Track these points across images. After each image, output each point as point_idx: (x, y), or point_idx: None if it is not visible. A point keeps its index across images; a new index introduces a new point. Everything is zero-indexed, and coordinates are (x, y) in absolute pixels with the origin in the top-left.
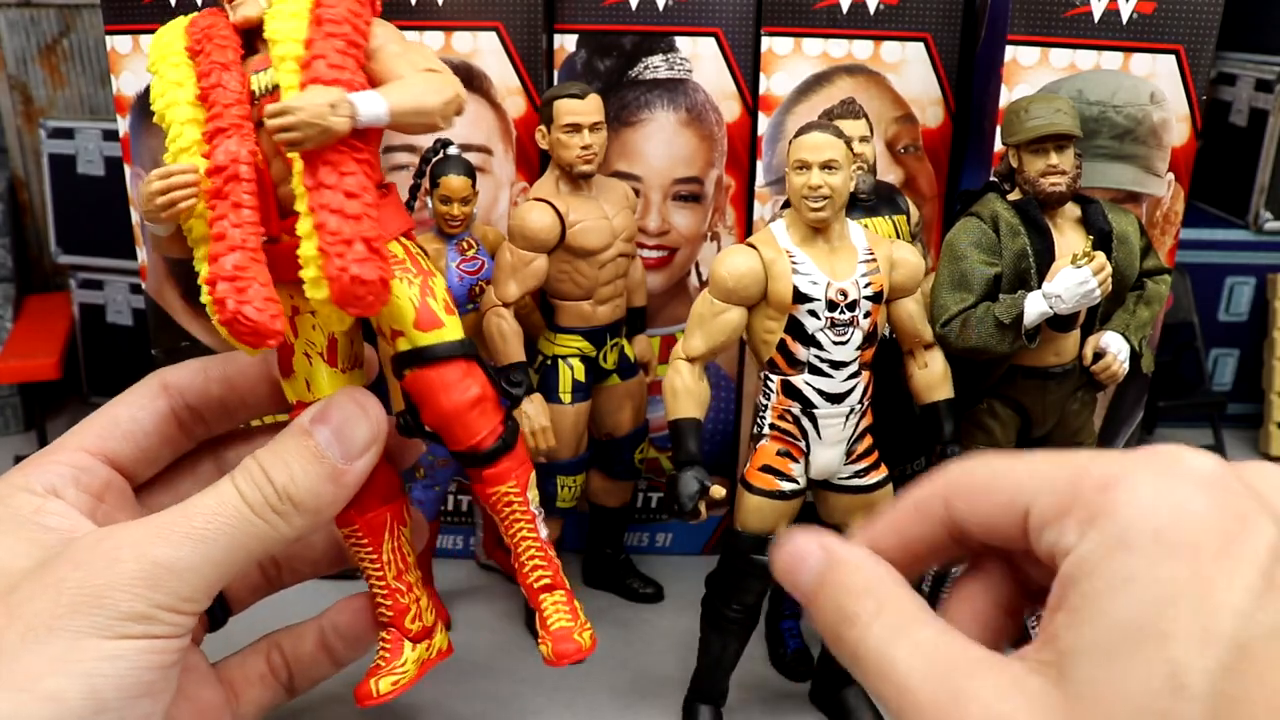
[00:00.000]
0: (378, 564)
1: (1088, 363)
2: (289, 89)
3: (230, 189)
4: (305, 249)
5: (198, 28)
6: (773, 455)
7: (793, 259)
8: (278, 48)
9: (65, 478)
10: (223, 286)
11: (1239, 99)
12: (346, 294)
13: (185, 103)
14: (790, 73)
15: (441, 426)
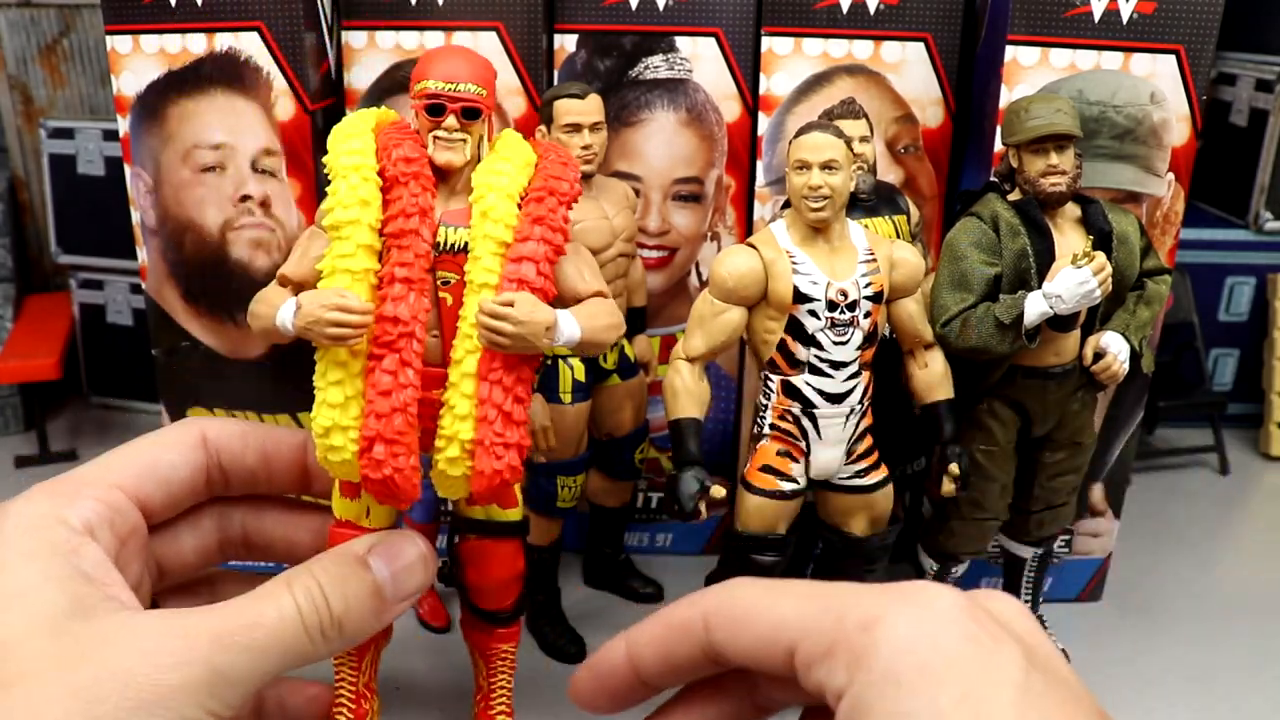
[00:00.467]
0: (355, 672)
1: (1088, 363)
2: (486, 272)
3: (403, 345)
4: (456, 428)
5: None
6: (773, 455)
7: (793, 259)
8: (487, 224)
9: (102, 518)
10: (380, 449)
11: (1239, 99)
12: (488, 491)
13: (368, 225)
14: (790, 73)
15: (481, 589)
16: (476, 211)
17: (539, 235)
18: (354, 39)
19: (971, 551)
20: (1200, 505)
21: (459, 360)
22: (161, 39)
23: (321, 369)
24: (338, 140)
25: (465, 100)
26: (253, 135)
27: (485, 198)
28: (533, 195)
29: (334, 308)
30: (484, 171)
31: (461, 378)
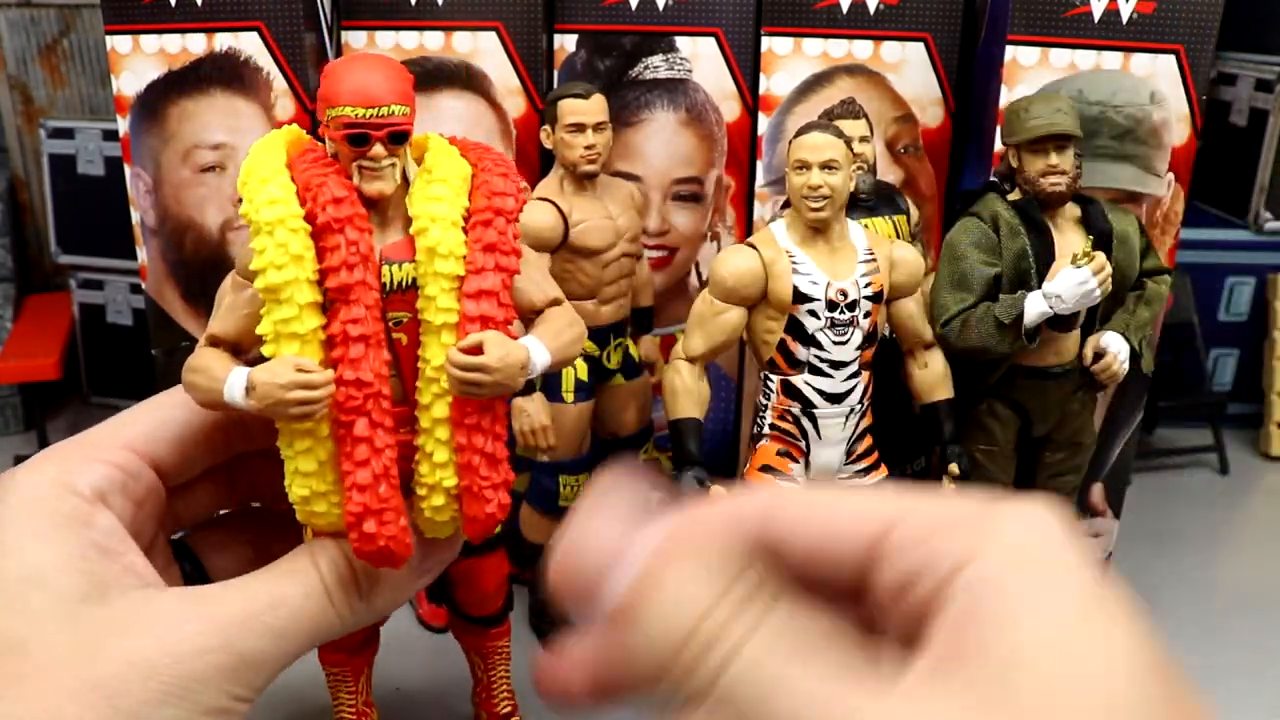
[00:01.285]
0: (353, 694)
1: (1088, 363)
2: (443, 313)
3: (371, 407)
4: (438, 476)
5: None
6: (773, 455)
7: (793, 259)
8: (437, 262)
9: (114, 483)
10: (370, 524)
11: (1239, 99)
12: (483, 533)
13: (306, 281)
14: (790, 73)
15: (473, 601)
16: (422, 246)
17: (494, 264)
18: (354, 39)
19: None
20: (1200, 505)
21: (427, 405)
22: (161, 39)
23: (286, 439)
24: (252, 186)
25: (391, 125)
26: (253, 135)
27: (429, 231)
28: (478, 219)
29: (295, 385)
30: (421, 198)
31: (434, 424)
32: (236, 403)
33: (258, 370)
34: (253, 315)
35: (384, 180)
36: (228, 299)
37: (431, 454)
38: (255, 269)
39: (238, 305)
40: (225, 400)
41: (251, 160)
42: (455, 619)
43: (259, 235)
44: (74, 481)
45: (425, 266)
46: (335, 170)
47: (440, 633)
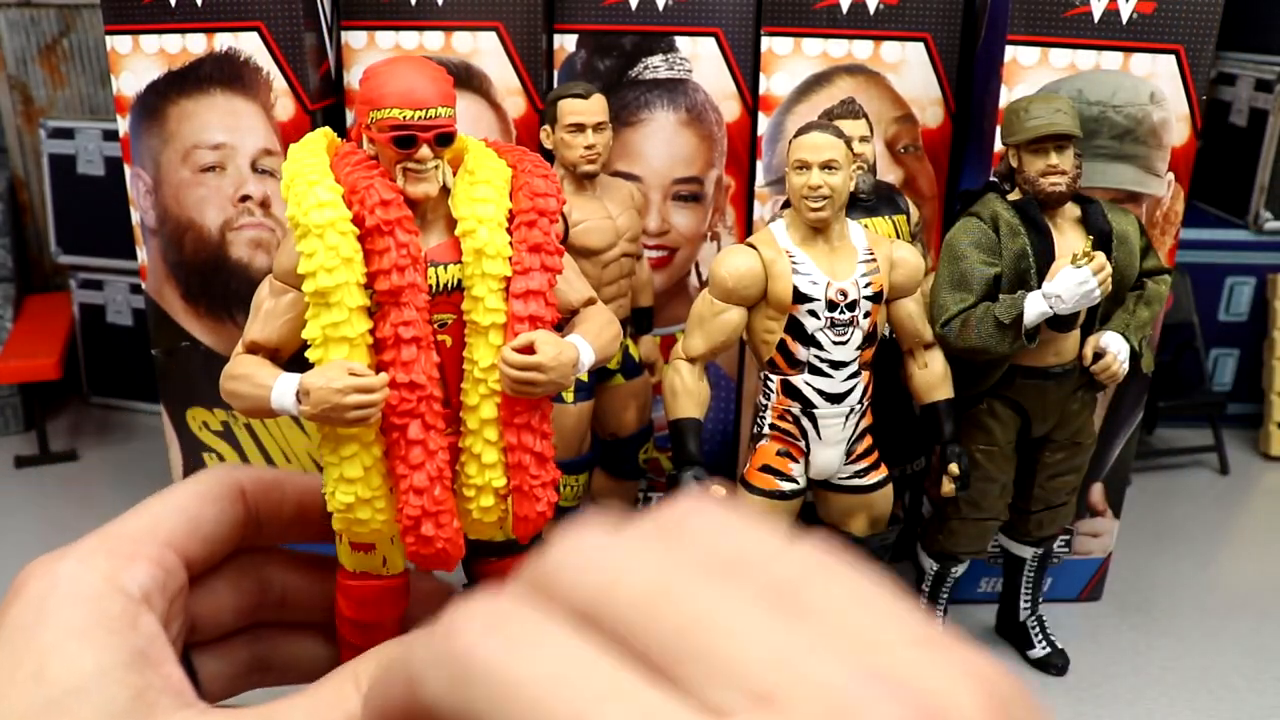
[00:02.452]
0: None
1: (1088, 363)
2: (491, 314)
3: (424, 410)
4: (487, 477)
5: (368, 194)
6: (773, 455)
7: (793, 259)
8: (486, 262)
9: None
10: (428, 527)
11: (1239, 99)
12: (532, 532)
13: (354, 285)
14: (790, 73)
15: None
16: (469, 248)
17: (540, 265)
18: (354, 39)
19: (971, 551)
20: (1200, 505)
21: (474, 406)
22: (161, 39)
23: (330, 445)
24: (299, 189)
25: (438, 127)
26: (253, 135)
27: (476, 233)
28: (522, 219)
29: (351, 389)
30: (466, 200)
31: (481, 425)
32: (286, 409)
33: (310, 375)
34: (294, 320)
35: (429, 182)
36: (266, 304)
37: (480, 455)
38: (304, 272)
39: (278, 310)
40: (272, 407)
41: (293, 162)
42: None
43: (308, 238)
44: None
45: (473, 268)
46: (380, 173)
47: None
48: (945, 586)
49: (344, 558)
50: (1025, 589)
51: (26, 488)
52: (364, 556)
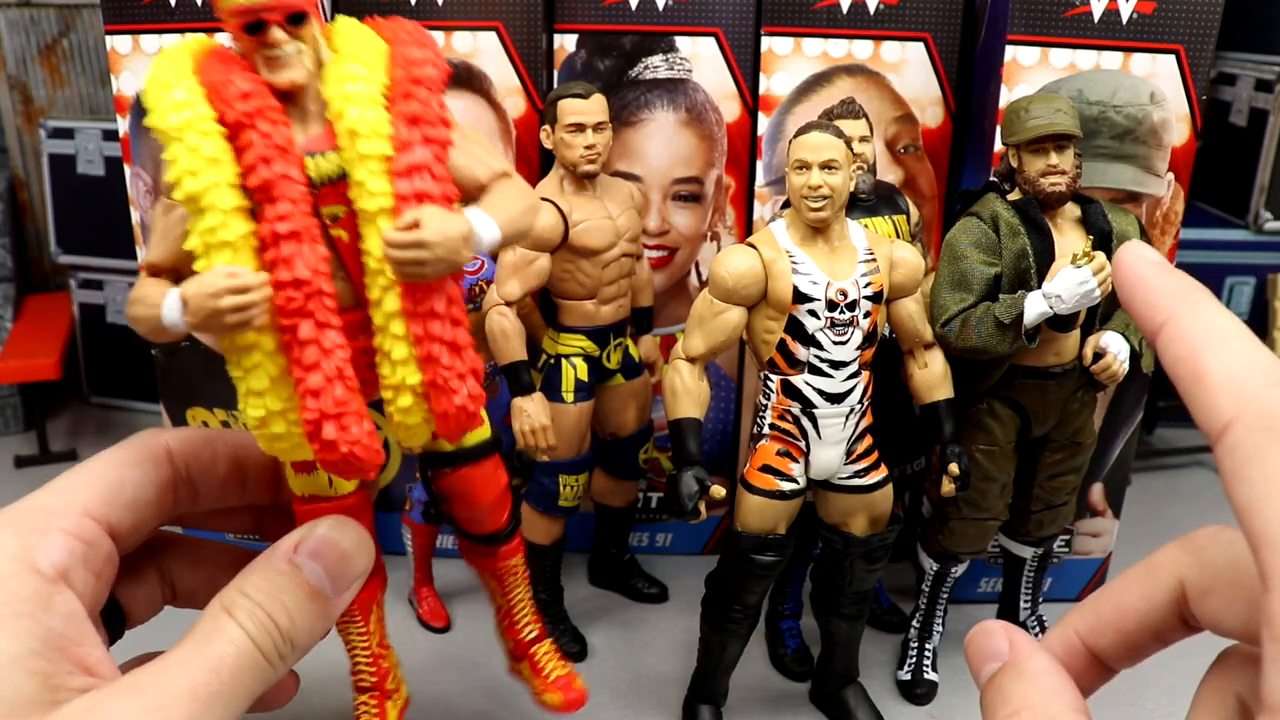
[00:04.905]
0: (365, 635)
1: (1088, 363)
2: (376, 197)
3: (314, 307)
4: (401, 375)
5: (227, 87)
6: (773, 455)
7: (793, 259)
8: (360, 143)
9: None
10: (329, 428)
11: (1239, 99)
12: (457, 429)
13: (227, 185)
14: (790, 73)
15: (474, 518)
16: (342, 130)
17: (421, 138)
18: None
19: (971, 551)
20: (1200, 505)
21: (378, 301)
22: (161, 39)
23: (233, 358)
24: (156, 92)
25: (285, 6)
26: None
27: (347, 113)
28: (399, 92)
29: (226, 291)
30: (335, 81)
31: (387, 319)
32: (176, 325)
33: (187, 284)
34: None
35: (292, 68)
36: (159, 224)
37: (390, 352)
38: (171, 180)
39: (170, 228)
40: (165, 324)
41: (155, 69)
42: (463, 542)
43: (170, 144)
44: (35, 558)
45: (349, 151)
46: (241, 65)
47: (441, 633)
48: (945, 586)
49: (292, 482)
50: (1025, 589)
51: (27, 488)
52: (308, 479)
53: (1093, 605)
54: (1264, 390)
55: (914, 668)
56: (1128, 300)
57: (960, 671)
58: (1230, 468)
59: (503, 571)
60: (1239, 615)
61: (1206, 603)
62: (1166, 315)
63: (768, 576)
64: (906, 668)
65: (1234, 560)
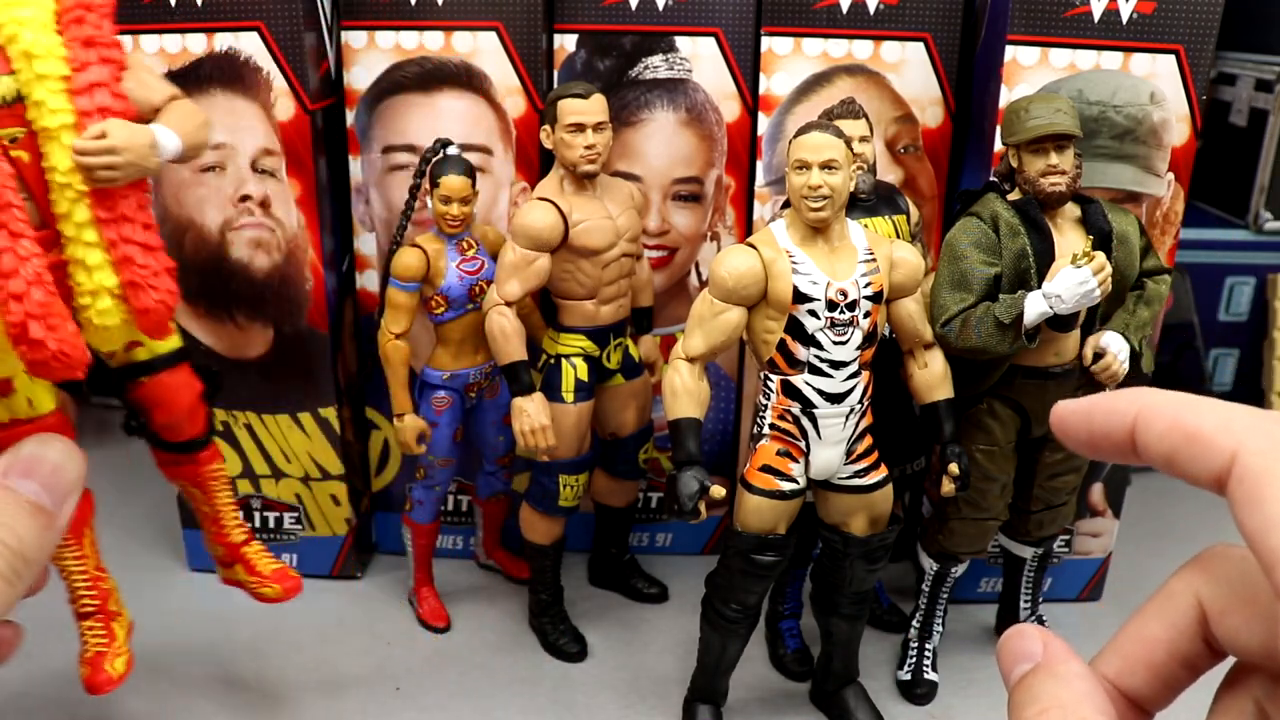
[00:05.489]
0: (81, 559)
1: (1088, 363)
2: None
3: (6, 218)
4: (98, 279)
5: None
6: (773, 455)
7: (793, 259)
8: (37, 64)
9: None
10: (36, 327)
11: (1239, 99)
12: (159, 324)
13: None
14: (790, 73)
15: (173, 424)
16: (17, 53)
17: (98, 58)
18: (354, 39)
19: (971, 551)
20: (1200, 505)
21: (66, 213)
22: (161, 39)
23: None
24: None
25: None
26: (252, 135)
27: (20, 37)
28: (70, 18)
29: None
30: (4, 7)
31: (79, 229)
32: None
33: None
34: None
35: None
36: None
37: (84, 259)
38: None
39: None
40: None
41: None
42: (163, 455)
43: None
44: None
45: (26, 73)
46: None
47: (440, 633)
48: (945, 586)
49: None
50: (1025, 589)
51: None
52: (5, 403)
53: (1115, 647)
54: (1258, 422)
55: (914, 668)
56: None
57: (960, 671)
58: (1242, 496)
59: (205, 476)
60: (1257, 635)
61: (1225, 621)
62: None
63: (768, 576)
64: (906, 668)
65: (1246, 576)
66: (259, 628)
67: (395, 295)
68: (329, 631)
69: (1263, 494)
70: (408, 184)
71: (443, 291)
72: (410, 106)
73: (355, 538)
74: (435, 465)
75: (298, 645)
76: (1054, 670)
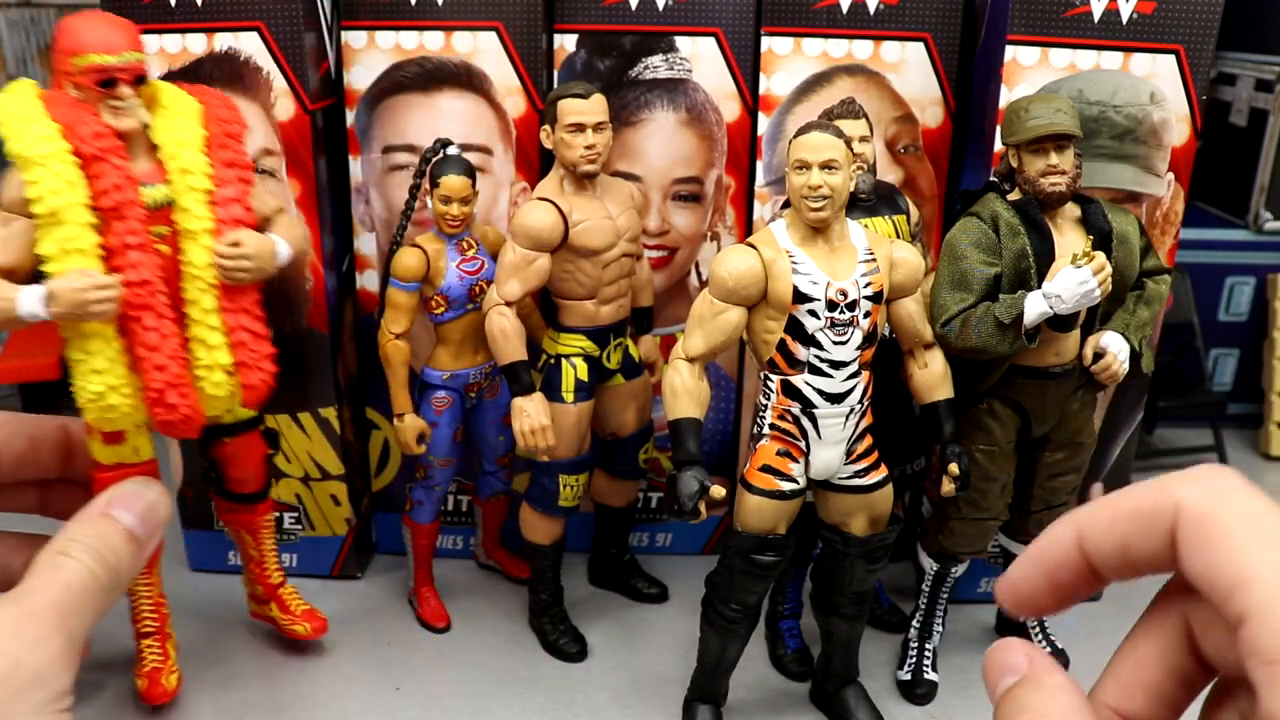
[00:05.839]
0: (150, 584)
1: (1088, 363)
2: (200, 220)
3: (154, 302)
4: (214, 358)
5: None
6: (773, 455)
7: (793, 259)
8: (189, 179)
9: None
10: (172, 394)
11: (1239, 99)
12: (259, 398)
13: (81, 205)
14: (790, 73)
15: (244, 479)
16: (174, 168)
17: (236, 177)
18: (354, 39)
19: (971, 551)
20: None
21: (195, 300)
22: (161, 39)
23: (80, 343)
24: (17, 126)
25: (134, 69)
26: (252, 135)
27: (180, 156)
28: (216, 142)
29: (93, 287)
30: (166, 130)
31: (204, 314)
32: (35, 314)
33: (54, 282)
34: (26, 243)
35: (131, 117)
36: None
37: (205, 339)
38: (33, 197)
39: (10, 236)
40: (19, 314)
41: (5, 106)
42: (226, 504)
43: (32, 169)
44: None
45: (179, 184)
46: (90, 111)
47: (441, 633)
48: (945, 586)
49: (98, 453)
50: None
51: None
52: (116, 449)
53: (1111, 672)
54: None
55: (914, 668)
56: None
57: (960, 671)
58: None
59: (258, 525)
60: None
61: (1210, 636)
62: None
63: (768, 576)
64: (906, 668)
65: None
66: (259, 628)
67: (395, 295)
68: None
69: (1208, 532)
70: (408, 184)
71: (443, 291)
72: (410, 106)
73: (355, 538)
74: (435, 465)
75: (298, 645)
76: (1039, 683)
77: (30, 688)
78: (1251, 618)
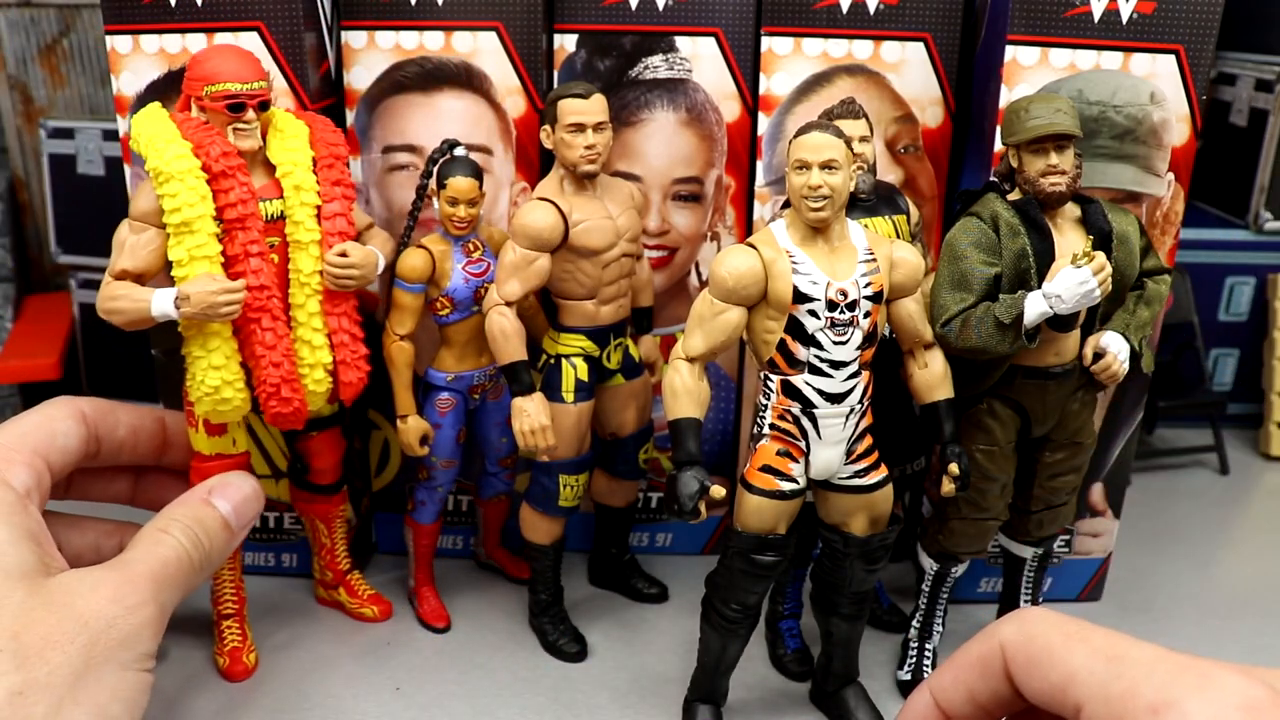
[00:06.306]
0: (234, 569)
1: (1088, 363)
2: (309, 232)
3: (273, 305)
4: (317, 357)
5: (211, 147)
6: (773, 455)
7: (793, 259)
8: (301, 195)
9: (32, 484)
10: (285, 389)
11: (1239, 99)
12: (355, 394)
13: (209, 216)
14: (790, 73)
15: (324, 470)
16: (288, 185)
17: (341, 194)
18: (354, 39)
19: (971, 551)
20: (1200, 505)
21: (302, 304)
22: (161, 39)
23: (200, 340)
24: (157, 145)
25: (261, 95)
26: None
27: (294, 173)
28: (323, 162)
29: (223, 291)
30: (281, 150)
31: (309, 318)
32: (166, 314)
33: (186, 284)
34: (156, 251)
35: (253, 138)
36: (130, 240)
37: (310, 341)
38: (169, 208)
39: (141, 244)
40: (153, 315)
41: (143, 127)
42: (304, 495)
43: (170, 182)
44: (9, 478)
45: (292, 199)
46: (216, 132)
47: (441, 633)
48: (945, 586)
49: (200, 445)
50: (1025, 589)
51: None
52: (218, 440)
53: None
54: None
55: (914, 668)
56: None
57: None
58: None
59: (332, 515)
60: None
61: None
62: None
63: (768, 576)
64: (906, 668)
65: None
66: (259, 627)
67: (400, 296)
68: (329, 631)
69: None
70: (408, 184)
71: (448, 293)
72: (410, 107)
73: (355, 538)
74: (438, 466)
75: (297, 645)
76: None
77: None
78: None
